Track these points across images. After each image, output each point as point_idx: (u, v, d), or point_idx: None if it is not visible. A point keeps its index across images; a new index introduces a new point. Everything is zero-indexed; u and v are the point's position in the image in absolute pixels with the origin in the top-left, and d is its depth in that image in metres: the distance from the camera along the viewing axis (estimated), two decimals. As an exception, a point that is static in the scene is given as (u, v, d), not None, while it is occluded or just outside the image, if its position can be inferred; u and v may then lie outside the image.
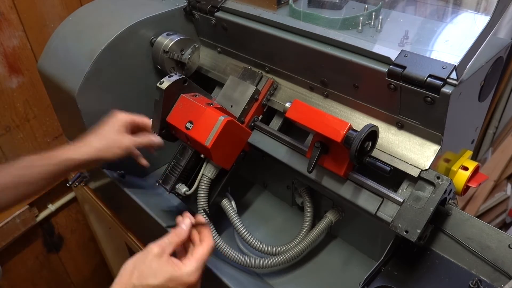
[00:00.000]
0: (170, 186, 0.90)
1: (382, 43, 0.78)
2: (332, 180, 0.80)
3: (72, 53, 0.99)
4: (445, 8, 0.89)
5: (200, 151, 0.88)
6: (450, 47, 0.73)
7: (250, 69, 0.97)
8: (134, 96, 1.04)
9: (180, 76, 0.87)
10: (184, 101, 0.86)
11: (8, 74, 1.30)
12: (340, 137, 0.69)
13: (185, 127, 0.83)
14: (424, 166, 0.71)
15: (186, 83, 0.88)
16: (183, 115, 0.85)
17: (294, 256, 0.87)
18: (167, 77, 0.86)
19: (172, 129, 0.89)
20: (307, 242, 0.88)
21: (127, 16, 0.98)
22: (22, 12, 1.26)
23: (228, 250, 0.87)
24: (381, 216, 0.73)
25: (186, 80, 0.88)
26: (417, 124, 0.72)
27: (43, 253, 1.64)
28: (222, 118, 0.80)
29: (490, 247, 0.67)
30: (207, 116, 0.81)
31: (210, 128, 0.80)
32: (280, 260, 0.87)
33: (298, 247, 0.88)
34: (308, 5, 0.93)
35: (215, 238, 0.87)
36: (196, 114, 0.83)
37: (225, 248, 0.87)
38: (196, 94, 0.89)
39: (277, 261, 0.87)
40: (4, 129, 1.35)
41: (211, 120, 0.81)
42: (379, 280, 0.71)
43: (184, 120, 0.84)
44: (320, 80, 0.84)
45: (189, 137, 0.83)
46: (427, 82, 0.65)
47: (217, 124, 0.80)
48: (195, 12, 1.02)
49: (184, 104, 0.86)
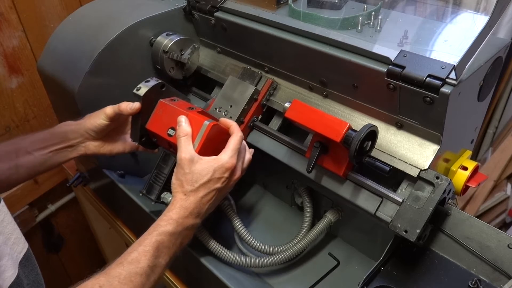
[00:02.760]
0: (155, 196, 0.86)
1: (382, 43, 0.78)
2: (332, 180, 0.80)
3: (72, 53, 0.99)
4: (444, 8, 0.89)
5: None
6: (449, 47, 0.73)
7: (249, 69, 0.97)
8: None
9: (158, 81, 0.84)
10: (164, 106, 0.83)
11: (8, 74, 1.30)
12: (339, 137, 0.69)
13: (167, 134, 0.80)
14: (423, 166, 0.71)
15: (164, 87, 0.85)
16: (164, 122, 0.82)
17: (293, 254, 0.87)
18: (143, 83, 0.83)
19: (153, 136, 0.85)
20: (306, 241, 0.88)
21: (127, 16, 0.98)
22: (21, 12, 1.26)
23: (224, 252, 0.86)
24: (381, 216, 0.73)
25: (163, 85, 0.85)
26: (416, 124, 0.72)
27: (43, 253, 1.64)
28: (207, 123, 0.77)
29: (490, 247, 0.67)
30: (190, 122, 0.78)
31: (195, 134, 0.77)
32: (279, 259, 0.87)
33: (297, 246, 0.88)
34: (307, 5, 0.93)
35: (211, 243, 0.86)
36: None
37: (221, 250, 0.86)
38: (175, 98, 0.86)
39: (276, 259, 0.87)
40: (4, 129, 1.35)
41: (195, 125, 0.77)
42: (378, 280, 0.71)
43: (165, 127, 0.81)
44: (320, 80, 0.84)
45: (172, 144, 0.79)
46: (426, 82, 0.65)
47: (202, 129, 0.77)
48: (194, 12, 1.02)
49: (163, 110, 0.83)
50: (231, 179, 0.77)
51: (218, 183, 0.74)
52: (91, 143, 0.89)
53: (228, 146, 0.77)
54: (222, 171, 0.74)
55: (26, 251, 0.69)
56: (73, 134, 0.87)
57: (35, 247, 1.59)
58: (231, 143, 0.77)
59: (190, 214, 0.73)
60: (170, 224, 0.71)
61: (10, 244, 0.65)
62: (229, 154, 0.75)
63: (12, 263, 0.63)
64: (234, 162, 0.76)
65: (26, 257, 0.68)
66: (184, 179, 0.73)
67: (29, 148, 0.85)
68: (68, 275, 1.78)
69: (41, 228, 1.58)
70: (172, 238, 0.71)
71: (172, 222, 0.71)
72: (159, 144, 0.87)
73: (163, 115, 0.82)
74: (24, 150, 0.85)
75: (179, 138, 0.76)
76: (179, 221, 0.72)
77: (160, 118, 0.83)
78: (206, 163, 0.74)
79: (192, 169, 0.73)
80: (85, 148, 0.89)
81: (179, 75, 1.04)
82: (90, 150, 0.89)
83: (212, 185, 0.74)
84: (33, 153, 0.85)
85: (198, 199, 0.73)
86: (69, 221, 1.68)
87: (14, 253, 0.65)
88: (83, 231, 1.73)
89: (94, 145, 0.89)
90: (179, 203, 0.73)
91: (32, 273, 0.69)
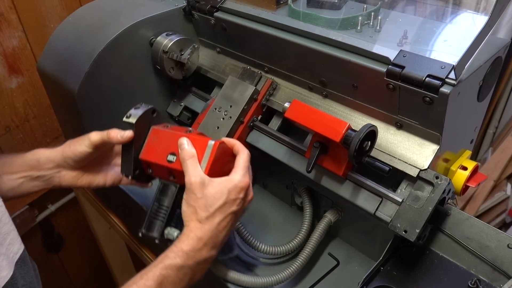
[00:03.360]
0: (158, 233, 0.74)
1: (381, 43, 0.78)
2: (331, 180, 0.80)
3: (71, 53, 0.99)
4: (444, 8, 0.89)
5: None
6: (449, 47, 0.73)
7: (249, 69, 0.97)
8: (134, 96, 1.04)
9: (148, 107, 0.77)
10: (158, 133, 0.76)
11: (8, 74, 1.30)
12: (339, 137, 0.69)
13: (167, 160, 0.73)
14: (423, 166, 0.71)
15: (155, 113, 0.78)
16: (161, 149, 0.74)
17: (303, 263, 0.86)
18: (133, 109, 0.76)
19: (147, 167, 0.77)
20: (311, 247, 0.87)
21: (127, 16, 0.98)
22: (21, 12, 1.26)
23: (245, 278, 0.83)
24: (380, 216, 0.73)
25: (155, 110, 0.78)
26: (416, 124, 0.72)
27: (43, 253, 1.64)
28: (212, 142, 0.71)
29: (489, 247, 0.67)
30: (193, 144, 0.72)
31: (201, 156, 0.71)
32: (288, 274, 0.84)
33: (304, 253, 0.86)
34: (307, 5, 0.93)
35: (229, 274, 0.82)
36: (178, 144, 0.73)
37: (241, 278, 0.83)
38: (167, 124, 0.80)
39: (285, 275, 0.84)
40: (4, 129, 1.35)
41: (198, 147, 0.71)
42: (378, 280, 0.71)
43: (163, 154, 0.74)
44: (319, 80, 0.84)
45: (174, 171, 0.73)
46: (426, 82, 0.65)
47: (208, 149, 0.71)
48: (194, 12, 1.02)
49: (158, 136, 0.76)
50: (245, 200, 0.71)
51: (234, 205, 0.68)
52: (68, 172, 0.79)
53: (237, 165, 0.71)
54: (236, 191, 0.68)
55: (22, 252, 0.66)
56: (46, 163, 0.77)
57: (35, 247, 1.59)
58: (240, 161, 0.72)
59: (205, 245, 0.66)
60: (179, 257, 0.64)
61: (6, 244, 0.62)
62: (241, 173, 0.70)
63: (7, 263, 0.61)
64: (248, 180, 0.70)
65: (22, 258, 0.65)
66: (197, 205, 0.66)
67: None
68: (68, 275, 1.78)
69: (41, 228, 1.58)
70: (179, 273, 0.64)
71: (182, 254, 0.64)
72: (155, 175, 0.78)
73: (159, 142, 0.76)
74: None
75: (184, 161, 0.69)
76: (190, 254, 0.65)
77: (155, 145, 0.76)
78: (218, 184, 0.68)
79: (205, 193, 0.67)
80: (60, 179, 0.79)
81: (179, 75, 1.04)
82: (65, 181, 0.79)
83: (228, 208, 0.67)
84: (2, 176, 0.76)
85: (214, 226, 0.66)
86: (69, 221, 1.68)
87: (10, 254, 0.63)
88: (83, 231, 1.73)
89: (71, 176, 0.79)
90: (193, 233, 0.65)
91: (28, 274, 0.66)
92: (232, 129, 0.91)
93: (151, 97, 1.08)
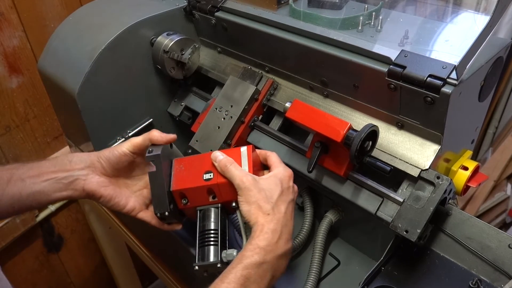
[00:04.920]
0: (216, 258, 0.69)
1: (382, 43, 0.78)
2: (332, 180, 0.80)
3: (72, 53, 0.99)
4: (445, 8, 0.89)
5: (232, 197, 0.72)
6: (450, 47, 0.73)
7: (250, 69, 0.97)
8: (134, 96, 1.04)
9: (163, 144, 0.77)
10: (182, 161, 0.77)
11: (8, 74, 1.30)
12: (340, 137, 0.69)
13: (204, 179, 0.72)
14: (424, 166, 0.71)
15: (172, 147, 0.80)
16: (193, 173, 0.74)
17: (317, 269, 0.86)
18: (150, 148, 0.76)
19: (181, 198, 0.75)
20: (319, 250, 0.87)
21: (127, 16, 0.98)
22: (22, 12, 1.26)
23: None
24: (381, 216, 0.73)
25: (172, 144, 0.80)
26: (417, 124, 0.72)
27: (43, 253, 1.64)
28: (244, 147, 0.73)
29: (490, 247, 0.67)
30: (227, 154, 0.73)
31: (239, 162, 0.71)
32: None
33: (315, 259, 0.86)
34: (308, 5, 0.93)
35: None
36: (210, 162, 0.73)
37: None
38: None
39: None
40: (4, 129, 1.35)
41: (233, 155, 0.72)
42: (379, 280, 0.71)
43: (198, 176, 0.73)
44: (320, 80, 0.84)
45: (215, 187, 0.72)
46: (427, 82, 0.65)
47: (243, 154, 0.73)
48: (195, 12, 1.02)
49: (184, 164, 0.76)
50: (294, 188, 0.72)
51: (289, 193, 0.70)
52: (95, 177, 0.76)
53: (273, 162, 0.74)
54: (286, 180, 0.70)
55: None
56: (78, 163, 0.75)
57: (35, 247, 1.59)
58: (273, 158, 0.74)
59: (280, 237, 0.64)
60: (257, 254, 0.61)
61: None
62: (282, 165, 0.73)
63: None
64: (291, 170, 0.73)
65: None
66: (258, 200, 0.66)
67: (24, 175, 0.73)
68: (68, 275, 1.78)
69: (41, 228, 1.58)
70: (260, 270, 0.61)
71: (259, 251, 0.62)
72: (192, 204, 0.75)
73: (187, 169, 0.76)
74: (18, 177, 0.73)
75: (227, 168, 0.69)
76: (268, 249, 0.62)
77: (184, 173, 0.75)
78: (268, 178, 0.69)
79: (261, 187, 0.67)
80: (85, 181, 0.75)
81: (179, 75, 1.04)
82: (89, 186, 0.75)
83: (286, 197, 0.68)
84: (26, 180, 0.73)
85: (282, 215, 0.66)
86: (69, 221, 1.68)
87: None
88: (83, 231, 1.73)
89: (97, 181, 0.75)
90: (265, 227, 0.64)
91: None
92: (233, 129, 0.91)
93: (152, 97, 1.08)
